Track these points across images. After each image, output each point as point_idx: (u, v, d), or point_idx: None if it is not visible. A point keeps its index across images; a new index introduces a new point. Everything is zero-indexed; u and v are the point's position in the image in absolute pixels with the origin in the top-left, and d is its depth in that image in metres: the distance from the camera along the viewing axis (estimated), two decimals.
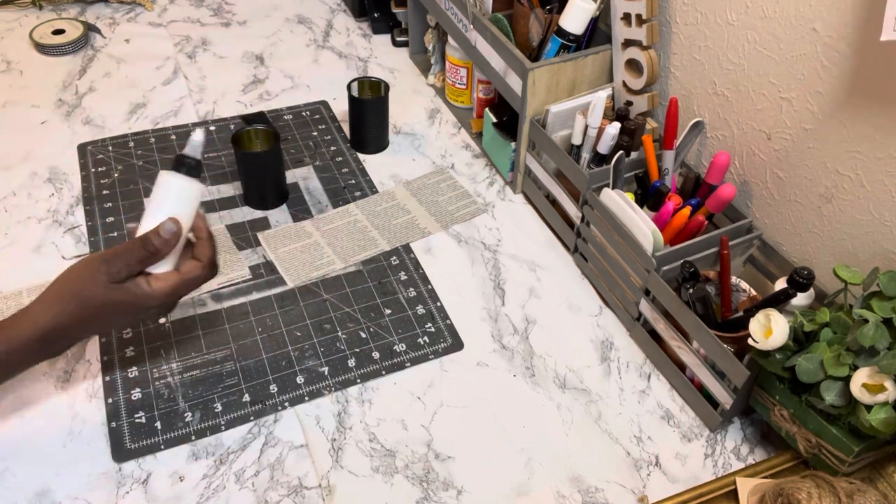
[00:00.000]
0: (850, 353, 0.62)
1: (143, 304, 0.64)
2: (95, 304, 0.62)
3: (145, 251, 0.63)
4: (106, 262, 0.62)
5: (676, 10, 0.88)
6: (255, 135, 0.97)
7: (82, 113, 1.10)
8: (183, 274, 0.65)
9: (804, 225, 0.79)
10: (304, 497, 0.68)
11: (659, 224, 0.80)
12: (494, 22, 0.99)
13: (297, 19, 1.36)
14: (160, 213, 0.64)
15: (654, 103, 0.93)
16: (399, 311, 0.86)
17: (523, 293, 0.89)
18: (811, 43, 0.72)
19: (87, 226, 0.92)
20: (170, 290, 0.64)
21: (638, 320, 0.83)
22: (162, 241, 0.63)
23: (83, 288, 0.62)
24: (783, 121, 0.78)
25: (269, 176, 0.96)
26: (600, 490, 0.70)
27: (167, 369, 0.77)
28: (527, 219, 1.00)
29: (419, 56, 1.29)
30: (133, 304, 0.63)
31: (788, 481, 0.64)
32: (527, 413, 0.76)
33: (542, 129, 0.93)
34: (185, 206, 0.66)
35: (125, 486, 0.68)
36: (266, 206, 0.97)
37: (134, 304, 0.63)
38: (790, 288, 0.69)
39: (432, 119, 1.16)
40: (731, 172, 0.87)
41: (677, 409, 0.78)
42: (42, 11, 1.31)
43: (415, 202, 1.00)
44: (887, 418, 0.59)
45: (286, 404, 0.75)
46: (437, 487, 0.70)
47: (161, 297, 0.64)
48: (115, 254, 0.63)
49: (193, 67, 1.22)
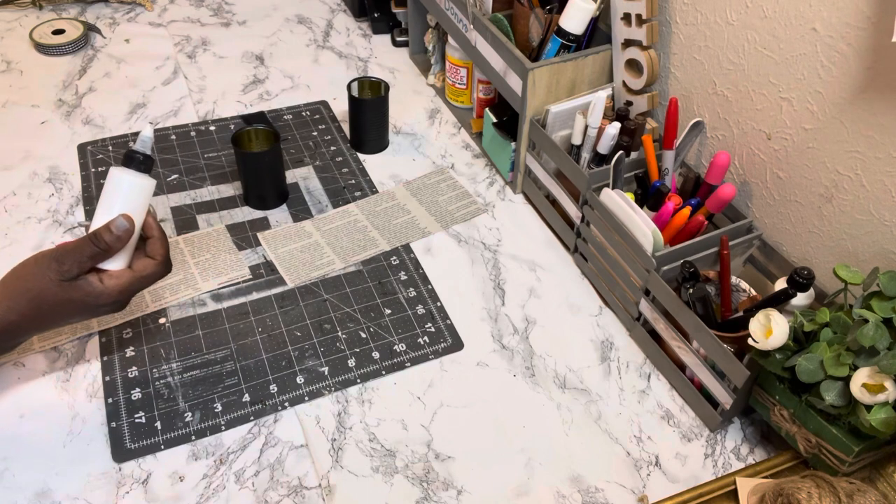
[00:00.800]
0: (850, 353, 0.62)
1: (95, 302, 0.63)
2: (47, 302, 0.62)
3: (96, 248, 0.62)
4: (56, 259, 0.62)
5: (676, 10, 0.88)
6: (255, 135, 0.97)
7: (82, 113, 1.10)
8: (137, 272, 0.65)
9: (804, 225, 0.79)
10: (304, 497, 0.68)
11: (659, 224, 0.80)
12: (494, 22, 0.99)
13: (297, 19, 1.36)
14: (112, 210, 0.64)
15: (654, 103, 0.93)
16: (399, 311, 0.86)
17: (523, 293, 0.89)
18: (811, 43, 0.72)
19: (87, 226, 0.92)
20: (123, 287, 0.64)
21: (638, 320, 0.83)
22: (114, 238, 0.63)
23: (33, 286, 0.62)
24: (783, 121, 0.78)
25: (269, 176, 0.96)
26: (600, 490, 0.70)
27: (167, 369, 0.77)
28: (527, 219, 1.00)
29: (419, 56, 1.29)
30: (84, 301, 0.63)
31: (788, 481, 0.64)
32: (527, 413, 0.77)
33: (542, 129, 0.93)
34: (136, 201, 0.65)
35: (125, 486, 0.68)
36: (266, 206, 0.97)
37: (85, 302, 0.63)
38: (790, 288, 0.69)
39: (432, 119, 1.16)
40: (731, 172, 0.87)
41: (677, 409, 0.78)
42: (42, 11, 1.31)
43: (415, 202, 1.00)
44: (887, 418, 0.59)
45: (286, 404, 0.75)
46: (437, 487, 0.70)
47: (114, 294, 0.64)
48: (66, 251, 0.62)
49: (193, 67, 1.22)
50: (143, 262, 0.66)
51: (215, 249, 0.91)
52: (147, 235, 0.67)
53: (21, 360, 0.77)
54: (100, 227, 0.63)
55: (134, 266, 0.66)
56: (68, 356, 0.78)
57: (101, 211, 0.65)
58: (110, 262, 0.65)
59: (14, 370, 0.76)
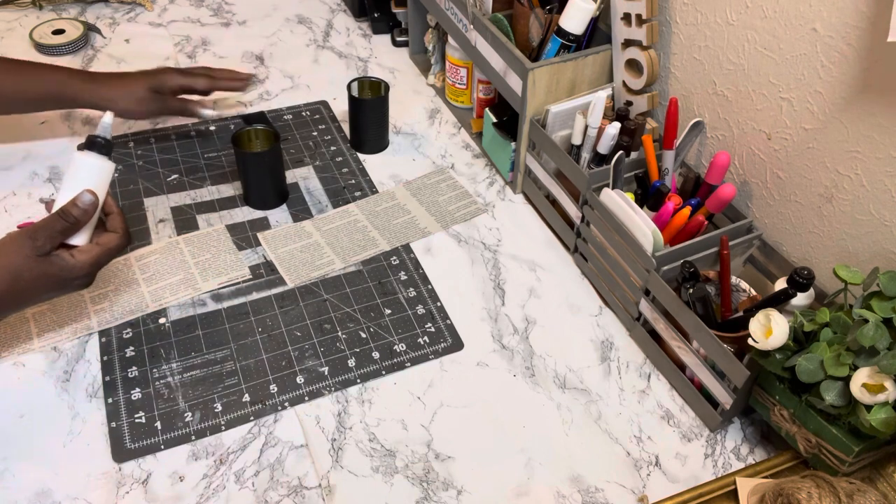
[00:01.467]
0: (850, 353, 0.62)
1: (68, 276, 0.68)
2: (23, 278, 0.67)
3: (66, 222, 0.67)
4: (30, 237, 0.67)
5: (676, 10, 0.88)
6: (255, 135, 0.97)
7: (82, 113, 1.10)
8: (103, 245, 0.70)
9: (804, 225, 0.79)
10: (304, 497, 0.68)
11: (659, 224, 0.80)
12: (494, 22, 0.99)
13: (297, 19, 1.36)
14: (76, 190, 0.69)
15: (654, 103, 0.93)
16: (399, 311, 0.86)
17: (523, 293, 0.89)
18: (811, 43, 0.72)
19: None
20: (93, 260, 0.69)
21: (638, 320, 0.83)
22: (81, 212, 0.68)
23: (12, 264, 0.66)
24: (783, 121, 0.78)
25: (269, 176, 0.96)
26: (600, 490, 0.70)
27: (167, 369, 0.77)
28: (527, 219, 1.00)
29: (419, 56, 1.29)
30: (59, 275, 0.68)
31: (788, 481, 0.64)
32: (527, 413, 0.77)
33: (542, 129, 0.93)
34: (97, 182, 0.70)
35: (125, 486, 0.68)
36: (266, 206, 0.97)
37: (60, 276, 0.68)
38: (790, 288, 0.69)
39: (432, 119, 1.16)
40: (731, 172, 0.87)
41: (677, 409, 0.78)
42: (42, 11, 1.31)
43: (415, 202, 1.00)
44: (887, 418, 0.59)
45: (286, 404, 0.75)
46: (437, 487, 0.70)
47: (86, 267, 0.69)
48: (37, 228, 0.67)
49: None
50: (108, 237, 0.71)
51: (215, 249, 0.91)
52: (107, 212, 0.73)
53: (21, 360, 0.77)
54: (67, 203, 0.68)
55: (99, 241, 0.71)
56: (68, 356, 0.78)
57: (65, 191, 0.70)
58: (76, 238, 0.70)
59: (14, 370, 0.76)
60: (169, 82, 0.97)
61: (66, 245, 0.69)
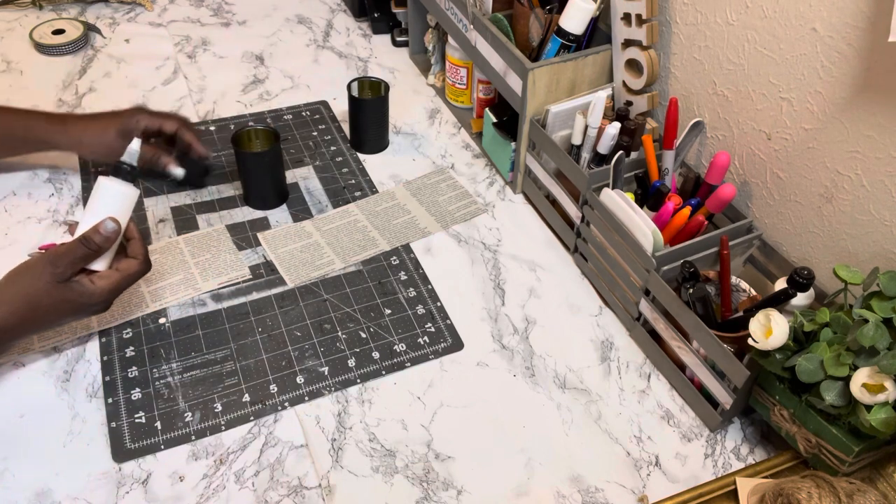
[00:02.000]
0: (850, 353, 0.62)
1: (87, 302, 0.69)
2: (43, 304, 0.67)
3: (87, 249, 0.68)
4: (51, 263, 0.67)
5: (676, 10, 0.88)
6: (255, 135, 0.97)
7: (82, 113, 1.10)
8: (123, 271, 0.70)
9: (804, 225, 0.79)
10: (304, 497, 0.68)
11: (659, 224, 0.80)
12: (494, 22, 0.99)
13: (297, 19, 1.36)
14: (100, 215, 0.69)
15: (654, 103, 0.93)
16: (399, 311, 0.86)
17: (523, 293, 0.89)
18: (811, 43, 0.72)
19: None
20: (112, 286, 0.70)
21: (638, 320, 0.83)
22: (103, 239, 0.68)
23: (31, 289, 0.67)
24: (783, 121, 0.78)
25: (269, 176, 0.96)
26: (600, 490, 0.70)
27: (167, 369, 0.77)
28: (527, 219, 1.00)
29: (419, 56, 1.29)
30: (77, 301, 0.68)
31: (788, 481, 0.64)
32: (527, 413, 0.77)
33: (542, 129, 0.93)
34: (121, 208, 0.71)
35: (125, 486, 0.68)
36: (266, 206, 0.97)
37: (78, 302, 0.68)
38: (790, 288, 0.69)
39: (432, 119, 1.16)
40: (731, 172, 0.87)
41: (677, 409, 0.78)
42: (42, 11, 1.31)
43: (415, 202, 1.00)
44: (887, 418, 0.59)
45: (286, 404, 0.75)
46: (437, 487, 0.70)
47: (104, 294, 0.69)
48: (58, 254, 0.67)
49: (193, 67, 1.22)
50: (128, 262, 0.71)
51: (215, 249, 0.91)
52: (128, 237, 0.73)
53: (21, 360, 0.77)
54: (89, 230, 0.68)
55: (119, 266, 0.71)
56: (68, 356, 0.78)
57: (89, 216, 0.70)
58: (96, 264, 0.70)
59: (14, 370, 0.76)
60: (138, 124, 0.91)
61: (86, 269, 0.70)
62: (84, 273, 0.69)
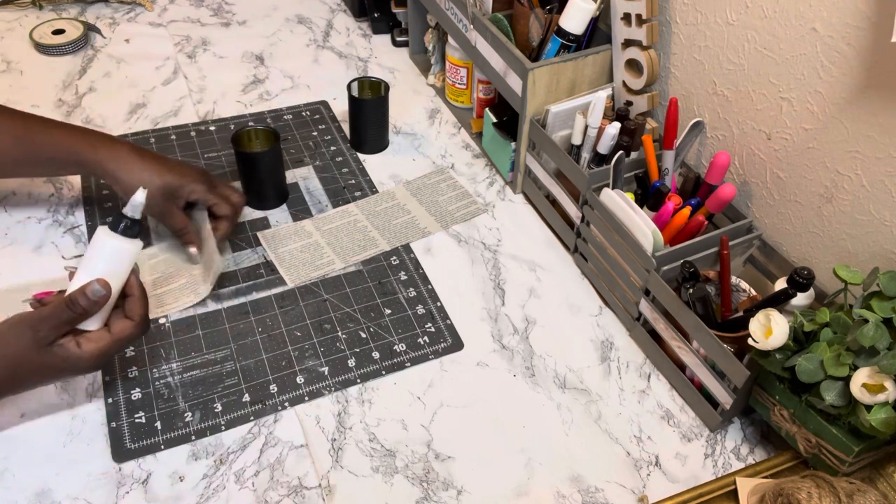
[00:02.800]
0: (850, 353, 0.62)
1: (73, 367, 0.64)
2: (23, 369, 0.63)
3: (72, 312, 0.62)
4: (32, 326, 0.62)
5: (676, 10, 0.88)
6: (255, 135, 0.97)
7: (82, 113, 1.10)
8: (115, 334, 0.65)
9: (804, 225, 0.79)
10: (304, 497, 0.68)
11: (659, 224, 0.80)
12: (494, 22, 0.99)
13: (297, 19, 1.36)
14: (94, 271, 0.64)
15: (654, 103, 0.93)
16: (399, 311, 0.86)
17: (523, 293, 0.89)
18: (811, 43, 0.72)
19: (87, 226, 0.92)
20: (101, 351, 0.64)
21: (638, 320, 0.83)
22: (89, 303, 0.63)
23: (9, 352, 0.62)
24: (783, 121, 0.78)
25: (269, 176, 0.96)
26: (600, 490, 0.70)
27: (167, 369, 0.77)
28: (527, 219, 1.00)
29: (419, 56, 1.29)
30: (61, 366, 0.64)
31: (788, 481, 0.64)
32: (527, 413, 0.77)
33: (542, 129, 0.93)
34: (118, 265, 0.65)
35: (125, 486, 0.68)
36: (266, 206, 0.97)
37: (63, 367, 0.64)
38: (790, 288, 0.69)
39: (432, 119, 1.16)
40: (731, 172, 0.87)
41: (677, 409, 0.78)
42: (42, 11, 1.31)
43: (415, 202, 1.00)
44: (887, 418, 0.59)
45: (286, 404, 0.75)
46: (437, 487, 0.70)
47: (92, 359, 0.64)
48: (41, 317, 0.62)
49: (193, 67, 1.22)
50: (122, 325, 0.66)
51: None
52: (127, 293, 0.68)
53: None
54: (75, 292, 0.63)
55: (112, 328, 0.66)
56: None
57: (82, 272, 0.65)
58: (88, 323, 0.65)
59: None
60: (191, 196, 0.83)
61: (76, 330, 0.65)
62: (72, 334, 0.64)
